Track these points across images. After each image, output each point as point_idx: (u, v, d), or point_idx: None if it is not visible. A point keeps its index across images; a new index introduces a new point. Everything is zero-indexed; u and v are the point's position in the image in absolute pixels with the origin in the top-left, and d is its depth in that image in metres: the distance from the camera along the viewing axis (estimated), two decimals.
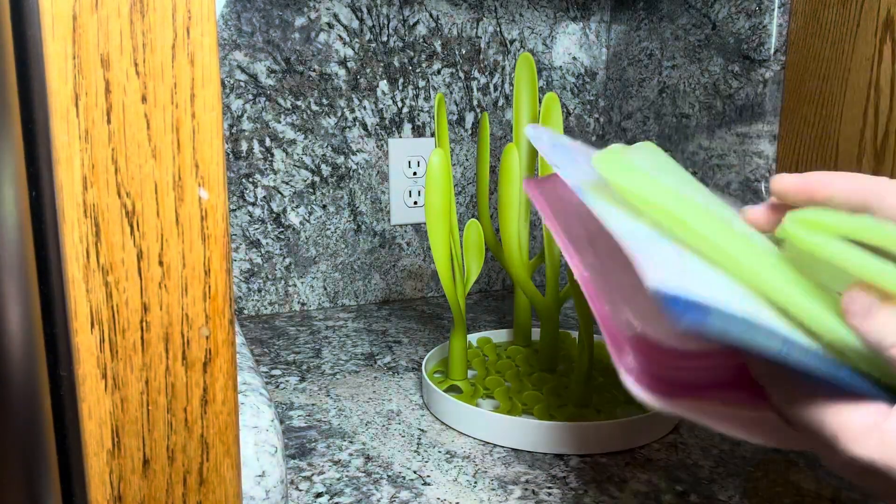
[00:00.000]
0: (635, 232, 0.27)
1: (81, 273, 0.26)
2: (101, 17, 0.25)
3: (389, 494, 0.49)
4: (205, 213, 0.27)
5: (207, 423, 0.29)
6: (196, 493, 0.29)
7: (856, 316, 0.26)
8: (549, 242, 0.65)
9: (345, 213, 0.91)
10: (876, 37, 0.66)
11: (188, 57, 0.26)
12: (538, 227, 1.01)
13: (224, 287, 0.28)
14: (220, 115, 0.27)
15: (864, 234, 0.26)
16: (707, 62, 0.84)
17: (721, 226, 0.28)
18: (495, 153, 0.96)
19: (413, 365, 0.73)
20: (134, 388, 0.28)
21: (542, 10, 0.97)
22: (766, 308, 0.27)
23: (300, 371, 0.71)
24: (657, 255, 0.26)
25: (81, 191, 0.25)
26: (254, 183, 0.86)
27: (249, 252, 0.87)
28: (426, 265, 0.97)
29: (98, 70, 0.25)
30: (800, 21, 0.74)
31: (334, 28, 0.86)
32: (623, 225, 0.27)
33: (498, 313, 0.92)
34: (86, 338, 0.26)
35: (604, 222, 0.27)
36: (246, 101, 0.83)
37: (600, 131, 1.04)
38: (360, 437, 0.58)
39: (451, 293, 0.62)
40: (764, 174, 0.78)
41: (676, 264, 0.26)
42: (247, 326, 0.85)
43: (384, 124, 0.91)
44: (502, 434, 0.56)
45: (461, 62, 0.93)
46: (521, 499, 0.49)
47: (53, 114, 0.25)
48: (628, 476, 0.52)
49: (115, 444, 0.28)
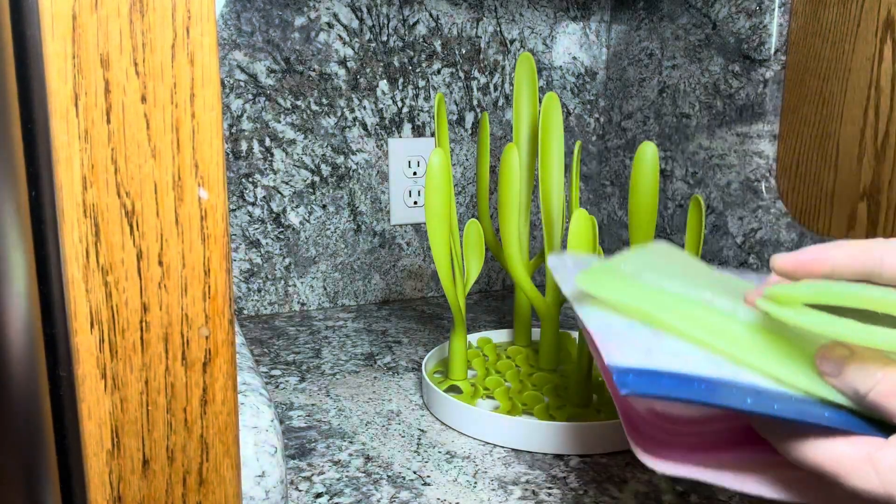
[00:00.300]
0: (611, 326, 0.33)
1: (81, 273, 0.26)
2: (100, 17, 0.25)
3: (389, 494, 0.49)
4: (204, 213, 0.27)
5: (207, 424, 0.29)
6: (196, 494, 0.29)
7: (830, 374, 0.30)
8: (549, 242, 0.65)
9: (345, 213, 0.91)
10: (876, 37, 0.66)
11: (188, 57, 0.26)
12: (538, 227, 1.01)
13: (224, 287, 0.28)
14: (219, 114, 0.27)
15: (826, 299, 0.30)
16: (707, 62, 0.84)
17: (693, 309, 0.33)
18: (495, 153, 0.96)
19: (413, 365, 0.73)
20: (133, 388, 0.27)
21: (542, 10, 0.97)
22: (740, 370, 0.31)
23: (300, 371, 0.71)
24: (622, 341, 0.32)
25: (81, 191, 0.25)
26: (253, 183, 0.86)
27: (249, 252, 0.87)
28: (426, 265, 0.97)
29: (98, 70, 0.25)
30: (800, 21, 0.74)
31: (334, 28, 0.86)
32: (598, 322, 0.33)
33: (498, 313, 0.92)
34: (85, 338, 0.26)
35: (584, 321, 0.34)
36: (246, 100, 0.83)
37: (600, 131, 1.04)
38: (360, 438, 0.58)
39: (451, 293, 0.62)
40: (764, 174, 0.78)
41: (642, 345, 0.31)
42: (247, 326, 0.85)
43: (384, 124, 0.91)
44: (502, 434, 0.56)
45: (461, 62, 0.93)
46: (521, 499, 0.49)
47: (53, 114, 0.25)
48: (628, 476, 0.52)
49: (114, 444, 0.28)
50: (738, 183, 0.81)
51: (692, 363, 0.31)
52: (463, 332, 0.64)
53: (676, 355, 0.31)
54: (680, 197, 0.89)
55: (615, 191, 1.02)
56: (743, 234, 0.81)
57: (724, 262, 0.83)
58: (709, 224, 0.85)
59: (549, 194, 0.63)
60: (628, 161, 0.99)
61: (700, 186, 0.86)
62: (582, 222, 0.57)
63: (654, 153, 0.61)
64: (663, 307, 0.33)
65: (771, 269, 0.35)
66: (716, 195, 0.84)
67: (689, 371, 0.30)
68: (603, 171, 1.04)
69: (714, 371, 0.30)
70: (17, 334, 0.26)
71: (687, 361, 0.31)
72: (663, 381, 0.30)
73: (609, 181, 1.03)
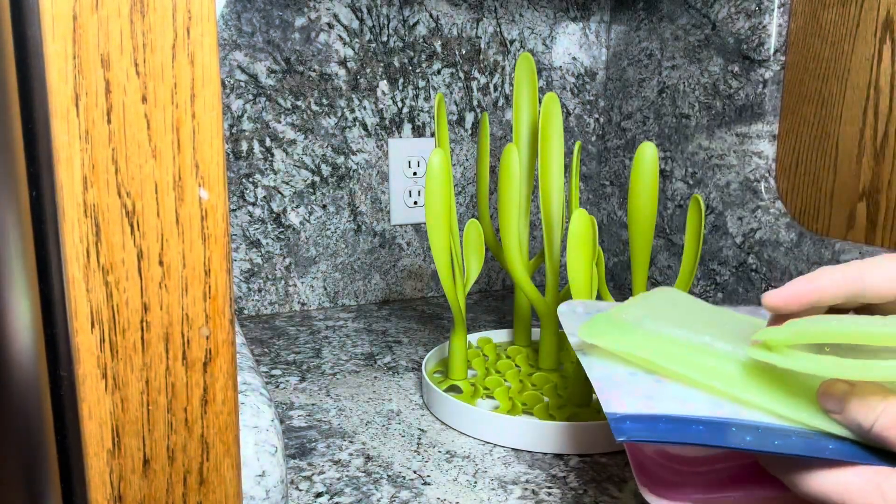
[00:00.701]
0: (613, 376, 0.35)
1: (81, 273, 0.26)
2: (101, 17, 0.25)
3: (389, 494, 0.49)
4: (205, 213, 0.27)
5: (207, 423, 0.29)
6: (196, 493, 0.29)
7: (833, 411, 0.30)
8: (549, 242, 0.65)
9: (345, 213, 0.91)
10: (875, 37, 0.66)
11: (188, 57, 0.26)
12: (538, 227, 1.01)
13: (224, 287, 0.28)
14: (220, 115, 0.27)
15: (807, 339, 0.32)
16: (707, 62, 0.84)
17: (693, 354, 0.34)
18: (495, 153, 0.96)
19: (413, 365, 0.73)
20: (134, 387, 0.28)
21: (542, 11, 0.97)
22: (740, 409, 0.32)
23: (300, 371, 0.71)
24: (623, 390, 0.33)
25: (82, 191, 0.26)
26: (254, 183, 0.86)
27: (249, 252, 0.87)
28: (426, 265, 0.97)
29: (98, 70, 0.25)
30: (799, 21, 0.74)
31: (334, 28, 0.86)
32: (600, 372, 0.35)
33: (498, 313, 0.92)
34: (86, 338, 0.26)
35: (587, 372, 0.35)
36: (246, 101, 0.83)
37: (600, 131, 1.04)
38: (360, 437, 0.58)
39: (451, 293, 0.62)
40: (763, 174, 0.78)
41: (643, 392, 0.33)
42: (247, 326, 0.85)
43: (384, 124, 0.91)
44: (502, 434, 0.56)
45: (461, 62, 0.93)
46: (521, 499, 0.49)
47: (54, 114, 0.25)
48: (628, 476, 0.52)
49: (115, 443, 0.28)
50: (737, 183, 0.81)
51: (692, 406, 0.32)
52: (463, 332, 0.65)
53: (676, 399, 0.32)
54: (679, 197, 0.89)
55: (615, 191, 1.02)
56: (742, 235, 0.81)
57: (724, 262, 0.83)
58: (708, 224, 0.85)
59: (548, 194, 0.63)
60: (628, 161, 0.99)
61: (699, 186, 0.86)
62: (582, 222, 0.57)
63: (653, 153, 0.61)
64: (663, 353, 0.34)
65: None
66: (715, 195, 0.84)
67: (689, 413, 0.31)
68: (603, 171, 1.04)
69: (713, 412, 0.31)
70: (18, 334, 0.26)
71: (686, 405, 0.32)
72: (660, 427, 0.31)
73: (609, 181, 1.03)
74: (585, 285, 0.56)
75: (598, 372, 0.35)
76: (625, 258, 1.01)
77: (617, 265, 1.03)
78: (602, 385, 0.34)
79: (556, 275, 0.65)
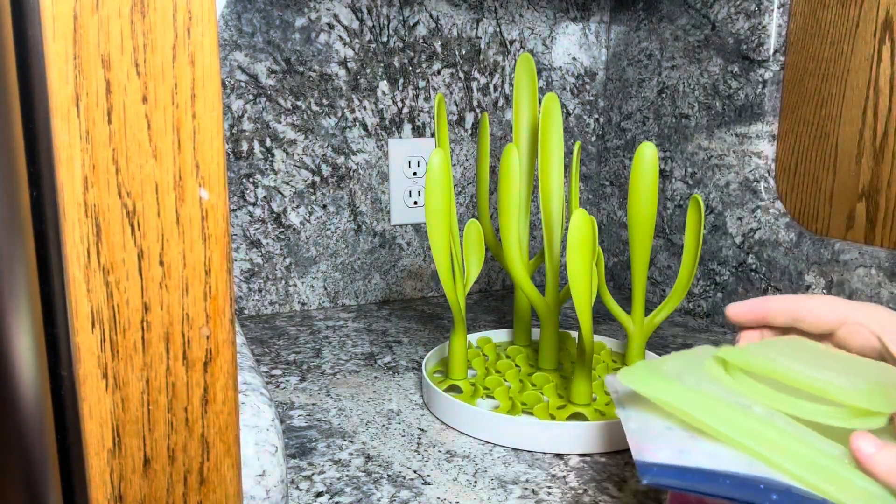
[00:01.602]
0: (648, 429, 0.36)
1: (82, 273, 0.26)
2: (101, 18, 0.25)
3: (389, 494, 0.49)
4: (205, 214, 0.27)
5: (208, 423, 0.29)
6: (196, 493, 0.29)
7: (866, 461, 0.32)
8: (549, 242, 0.65)
9: (345, 213, 0.91)
10: (875, 37, 0.66)
11: (189, 57, 0.26)
12: (538, 227, 1.01)
13: (224, 287, 0.28)
14: (220, 115, 0.27)
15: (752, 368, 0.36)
16: (706, 62, 0.84)
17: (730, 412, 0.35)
18: (495, 153, 0.96)
19: (413, 365, 0.74)
20: (134, 387, 0.28)
21: (542, 11, 0.97)
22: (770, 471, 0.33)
23: (300, 371, 0.72)
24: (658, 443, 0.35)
25: (82, 191, 0.26)
26: (254, 183, 0.86)
27: (250, 252, 0.87)
28: (426, 265, 0.97)
29: (99, 70, 0.25)
30: (799, 21, 0.74)
31: (334, 28, 0.86)
32: (636, 424, 0.37)
33: (498, 313, 0.92)
34: (86, 337, 0.26)
35: (623, 423, 0.37)
36: (246, 101, 0.83)
37: (600, 131, 1.04)
38: (361, 437, 0.58)
39: (451, 293, 0.62)
40: (763, 174, 0.78)
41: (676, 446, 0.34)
42: (247, 326, 0.85)
43: (384, 124, 0.91)
44: (502, 434, 0.56)
45: (461, 62, 0.93)
46: (521, 498, 0.49)
47: (54, 114, 0.25)
48: (628, 476, 0.52)
49: (115, 443, 0.28)
50: (737, 183, 0.81)
51: (723, 462, 0.33)
52: (463, 332, 0.65)
53: (708, 455, 0.33)
54: (679, 197, 0.89)
55: (615, 191, 1.02)
56: (742, 234, 0.81)
57: (724, 262, 0.84)
58: (708, 224, 0.85)
59: (548, 194, 0.63)
60: (628, 161, 0.99)
61: (699, 186, 0.86)
62: (582, 222, 0.57)
63: (653, 153, 0.61)
64: (700, 409, 0.36)
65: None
66: (715, 195, 0.84)
67: (718, 468, 0.32)
68: (602, 171, 1.05)
69: (744, 468, 0.32)
70: (19, 334, 0.26)
71: (718, 460, 0.33)
72: (688, 476, 0.32)
73: (608, 181, 1.03)
74: (585, 285, 0.56)
75: (635, 424, 0.37)
76: (625, 258, 1.01)
77: (617, 265, 1.03)
78: (637, 437, 0.35)
79: (555, 275, 0.65)
